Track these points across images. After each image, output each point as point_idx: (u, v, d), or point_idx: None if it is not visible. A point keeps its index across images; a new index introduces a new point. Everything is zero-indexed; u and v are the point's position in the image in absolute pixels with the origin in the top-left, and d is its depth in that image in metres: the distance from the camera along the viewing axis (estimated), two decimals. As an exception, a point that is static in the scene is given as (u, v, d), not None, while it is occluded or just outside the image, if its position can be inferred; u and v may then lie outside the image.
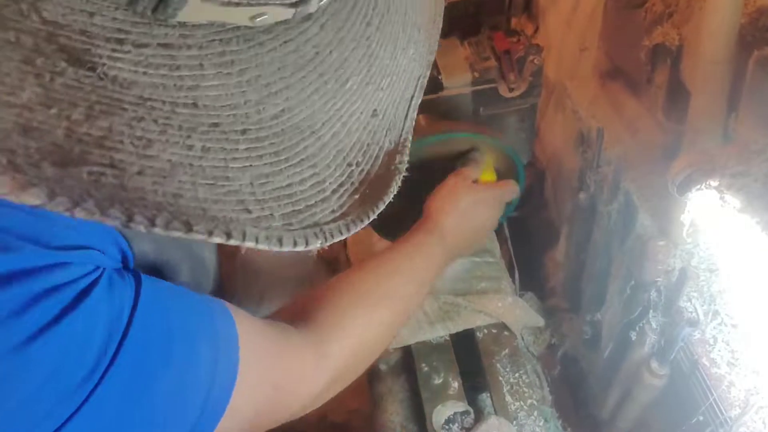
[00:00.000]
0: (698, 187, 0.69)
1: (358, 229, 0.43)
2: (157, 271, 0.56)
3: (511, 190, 0.97)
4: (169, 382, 0.47)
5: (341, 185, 0.43)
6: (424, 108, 0.97)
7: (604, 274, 1.06)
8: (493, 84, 0.98)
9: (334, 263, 1.57)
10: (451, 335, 1.02)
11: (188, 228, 0.35)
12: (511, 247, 1.21)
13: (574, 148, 1.16)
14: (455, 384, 0.95)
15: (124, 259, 0.51)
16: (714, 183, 0.66)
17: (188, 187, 0.36)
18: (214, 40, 0.38)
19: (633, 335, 0.95)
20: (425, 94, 0.97)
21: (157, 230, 0.34)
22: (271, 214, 0.39)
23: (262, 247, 0.38)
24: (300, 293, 0.75)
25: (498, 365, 0.99)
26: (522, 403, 0.95)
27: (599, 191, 1.04)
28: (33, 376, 0.39)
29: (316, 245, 0.40)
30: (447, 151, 0.95)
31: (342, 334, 0.68)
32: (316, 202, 0.42)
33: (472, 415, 0.92)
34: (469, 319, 1.02)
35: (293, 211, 0.40)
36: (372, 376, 1.04)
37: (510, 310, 1.03)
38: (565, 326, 1.18)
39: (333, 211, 0.42)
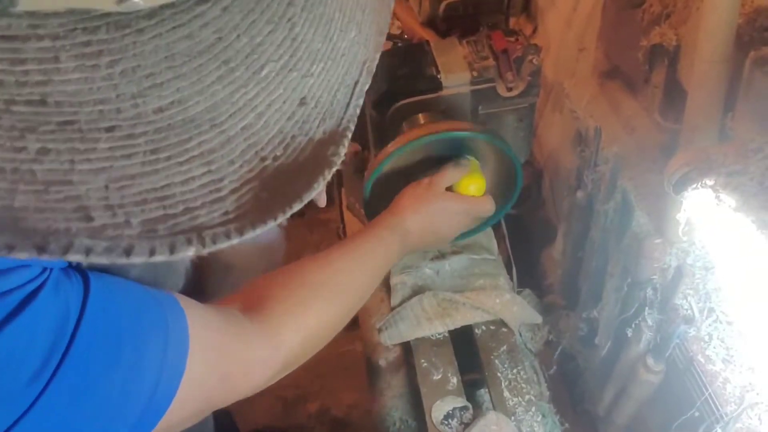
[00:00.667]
0: (694, 185, 0.70)
1: (257, 232, 0.39)
2: (106, 268, 0.54)
3: (488, 207, 0.95)
4: (117, 380, 0.46)
5: (246, 182, 0.39)
6: (422, 107, 0.98)
7: (600, 271, 1.07)
8: (492, 83, 0.99)
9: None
10: (449, 331, 1.03)
11: None
12: (508, 245, 1.22)
13: (572, 147, 1.17)
14: (454, 379, 0.96)
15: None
16: (710, 182, 0.67)
17: (1, 195, 0.33)
18: (75, 29, 0.34)
19: (629, 332, 0.96)
20: (424, 92, 0.98)
21: None
22: (127, 221, 0.35)
23: (97, 260, 0.34)
24: (255, 278, 0.72)
25: (496, 361, 0.99)
26: (520, 398, 0.95)
27: (596, 190, 1.05)
28: None
29: (187, 253, 0.37)
30: (441, 149, 0.95)
31: (295, 325, 0.68)
32: (203, 203, 0.38)
33: (471, 411, 0.93)
34: (467, 316, 1.03)
35: (164, 215, 0.36)
36: (371, 371, 1.05)
37: (507, 307, 1.04)
38: (562, 323, 1.19)
39: (225, 213, 0.38)
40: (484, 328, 1.03)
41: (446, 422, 0.91)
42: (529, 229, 1.48)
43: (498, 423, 0.89)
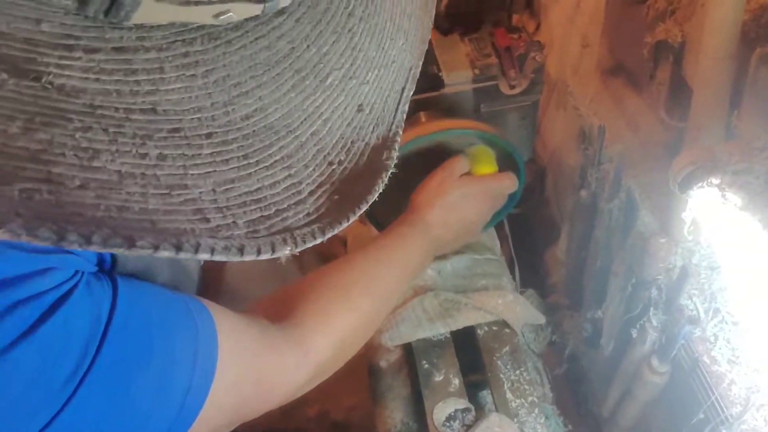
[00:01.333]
0: (700, 184, 0.69)
1: (335, 232, 0.41)
2: (135, 273, 0.56)
3: (509, 183, 0.95)
4: (148, 379, 0.47)
5: (320, 186, 0.41)
6: (424, 105, 0.97)
7: (605, 271, 1.06)
8: (494, 81, 0.98)
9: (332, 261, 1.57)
10: (451, 332, 1.02)
11: (130, 243, 0.32)
12: (511, 245, 1.21)
13: (576, 145, 1.16)
14: (456, 381, 0.95)
15: (101, 263, 0.51)
16: (715, 180, 0.66)
17: (137, 199, 0.34)
18: (176, 41, 0.36)
19: (634, 333, 0.96)
20: (426, 91, 0.98)
21: (95, 247, 0.32)
22: (234, 222, 0.37)
23: (219, 258, 0.36)
24: (279, 288, 0.73)
25: (499, 362, 0.99)
26: (523, 400, 0.95)
27: (600, 188, 1.04)
28: (15, 381, 0.40)
29: (284, 252, 0.39)
30: (445, 147, 0.94)
31: (324, 329, 0.68)
32: (289, 205, 0.40)
33: (473, 412, 0.92)
34: (469, 316, 1.02)
35: (261, 216, 0.38)
36: (372, 373, 1.04)
37: (510, 307, 1.03)
38: (566, 323, 1.18)
39: (308, 215, 0.40)
40: (486, 328, 1.03)
41: (448, 424, 0.91)
42: (532, 228, 1.48)
43: (501, 425, 0.89)
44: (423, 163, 0.96)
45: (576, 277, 1.21)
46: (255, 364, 0.59)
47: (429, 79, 0.97)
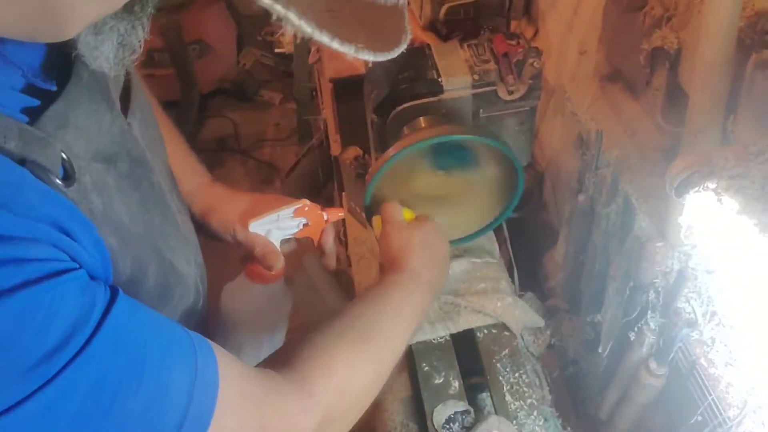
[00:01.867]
0: (696, 188, 0.69)
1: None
2: (124, 271, 0.55)
3: (433, 223, 0.93)
4: (136, 402, 0.46)
5: None
6: (424, 110, 0.98)
7: (602, 275, 1.07)
8: (493, 87, 0.99)
9: (339, 274, 1.58)
10: (451, 335, 1.03)
11: None
12: (510, 248, 1.22)
13: (573, 150, 1.17)
14: (456, 383, 0.96)
15: (103, 260, 0.51)
16: (712, 185, 0.67)
17: None
18: None
19: (632, 336, 0.96)
20: (425, 96, 0.98)
21: None
22: None
23: None
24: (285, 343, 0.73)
25: (498, 365, 0.99)
26: (522, 402, 0.95)
27: (598, 193, 1.05)
28: None
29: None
30: (441, 155, 0.95)
31: (325, 371, 0.65)
32: None
33: (473, 415, 0.92)
34: (468, 319, 1.03)
35: None
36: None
37: (509, 310, 1.04)
38: (564, 327, 1.19)
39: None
40: (485, 331, 1.03)
41: (448, 426, 0.91)
42: (531, 232, 1.48)
43: (500, 427, 0.89)
44: (421, 168, 0.97)
45: (574, 280, 1.22)
46: (258, 411, 0.58)
47: (428, 85, 0.97)
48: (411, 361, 1.01)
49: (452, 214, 1.02)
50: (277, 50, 3.21)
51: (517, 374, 0.98)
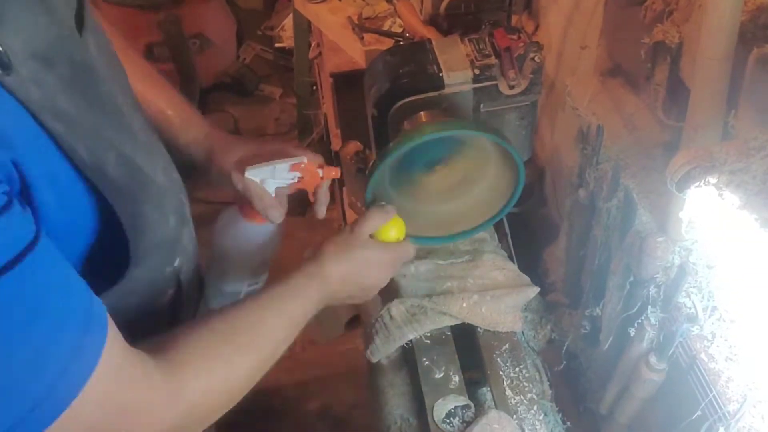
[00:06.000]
0: (697, 183, 0.69)
1: None
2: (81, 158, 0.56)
3: (408, 255, 0.92)
4: (31, 338, 0.48)
5: None
6: (425, 105, 0.98)
7: (603, 269, 1.07)
8: (494, 81, 0.98)
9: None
10: (451, 330, 1.03)
11: None
12: (511, 243, 1.22)
13: (574, 145, 1.17)
14: (456, 378, 0.96)
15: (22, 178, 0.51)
16: (713, 180, 0.67)
17: None
18: None
19: (632, 331, 0.96)
20: (426, 91, 0.98)
21: None
22: None
23: None
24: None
25: (498, 360, 0.99)
26: (522, 397, 0.95)
27: (599, 188, 1.05)
28: None
29: None
30: (442, 150, 0.95)
31: (196, 370, 0.64)
32: None
33: (473, 409, 0.93)
34: (435, 320, 1.02)
35: None
36: (373, 369, 1.05)
37: (474, 310, 1.02)
38: (565, 321, 1.19)
39: None
40: (486, 326, 1.04)
41: (448, 421, 0.91)
42: (532, 227, 1.48)
43: (500, 421, 0.89)
44: (422, 162, 0.96)
45: (575, 275, 1.22)
46: (126, 389, 0.57)
47: (429, 79, 0.97)
48: (411, 356, 1.01)
49: (453, 209, 1.02)
50: (277, 45, 3.21)
51: (517, 369, 0.98)
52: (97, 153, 0.58)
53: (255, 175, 0.85)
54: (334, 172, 0.91)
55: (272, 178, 0.86)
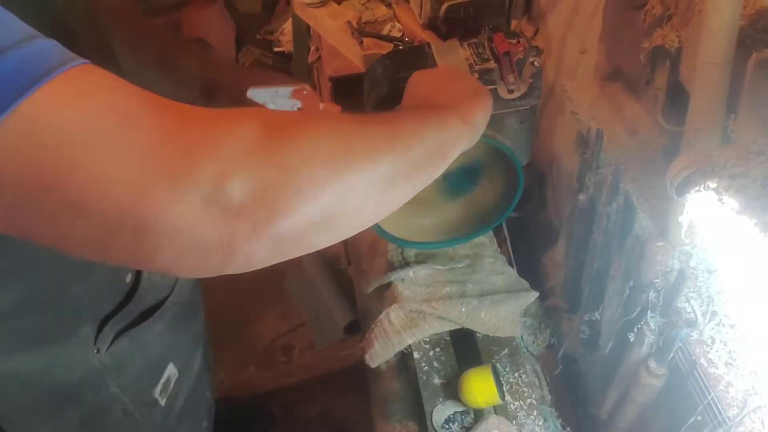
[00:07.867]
0: (697, 188, 0.69)
1: None
2: None
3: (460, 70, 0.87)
4: None
5: None
6: (424, 109, 0.98)
7: (603, 274, 1.06)
8: (493, 85, 0.98)
9: (339, 274, 1.57)
10: (450, 335, 1.03)
11: None
12: (510, 247, 1.21)
13: (574, 149, 1.17)
14: (455, 383, 0.96)
15: None
16: (712, 184, 0.67)
17: None
18: None
19: (631, 335, 0.96)
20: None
21: None
22: None
23: None
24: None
25: (498, 365, 0.99)
26: (521, 402, 0.95)
27: (598, 192, 1.05)
28: None
29: None
30: None
31: (307, 186, 0.46)
32: None
33: (472, 415, 0.92)
34: (434, 325, 1.02)
35: None
36: (372, 375, 1.04)
37: (473, 315, 1.02)
38: (564, 326, 1.19)
39: None
40: (485, 331, 1.03)
41: (447, 426, 0.91)
42: (531, 231, 1.48)
43: (499, 427, 0.89)
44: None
45: (574, 280, 1.22)
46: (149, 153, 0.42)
47: (428, 84, 0.97)
48: (411, 361, 1.01)
49: (453, 214, 1.02)
50: (276, 49, 3.21)
51: (516, 374, 0.98)
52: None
53: (257, 95, 0.85)
54: (335, 109, 0.91)
55: (273, 104, 0.86)
